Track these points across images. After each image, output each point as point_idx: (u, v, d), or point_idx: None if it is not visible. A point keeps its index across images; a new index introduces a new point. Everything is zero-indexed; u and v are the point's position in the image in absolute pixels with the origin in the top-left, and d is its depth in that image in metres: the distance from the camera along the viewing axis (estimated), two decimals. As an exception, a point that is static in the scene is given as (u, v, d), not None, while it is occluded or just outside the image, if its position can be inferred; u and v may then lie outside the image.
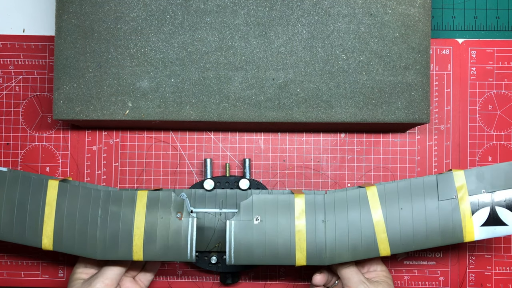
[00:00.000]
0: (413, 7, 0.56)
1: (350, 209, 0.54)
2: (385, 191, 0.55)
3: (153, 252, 0.53)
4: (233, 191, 0.62)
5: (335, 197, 0.55)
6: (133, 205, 0.54)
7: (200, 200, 0.61)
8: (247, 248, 0.53)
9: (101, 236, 0.54)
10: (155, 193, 0.55)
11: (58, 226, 0.55)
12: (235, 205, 0.61)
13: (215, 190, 0.62)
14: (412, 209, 0.54)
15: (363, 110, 0.56)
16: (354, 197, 0.55)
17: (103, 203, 0.55)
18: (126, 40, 0.57)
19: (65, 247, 0.54)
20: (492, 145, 0.64)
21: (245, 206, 0.54)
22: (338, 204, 0.54)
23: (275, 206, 0.54)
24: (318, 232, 0.54)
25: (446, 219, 0.54)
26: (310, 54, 0.56)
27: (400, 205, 0.54)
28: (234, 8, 0.57)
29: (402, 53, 0.56)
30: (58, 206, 0.55)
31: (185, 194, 0.57)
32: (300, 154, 0.64)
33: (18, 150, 0.65)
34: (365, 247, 0.54)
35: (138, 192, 0.55)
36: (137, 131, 0.64)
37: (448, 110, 0.64)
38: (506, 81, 0.64)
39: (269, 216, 0.54)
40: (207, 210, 0.60)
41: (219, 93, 0.57)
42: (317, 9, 0.57)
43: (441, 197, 0.54)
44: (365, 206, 0.54)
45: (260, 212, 0.54)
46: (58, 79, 0.57)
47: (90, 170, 0.64)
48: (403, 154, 0.64)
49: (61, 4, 0.57)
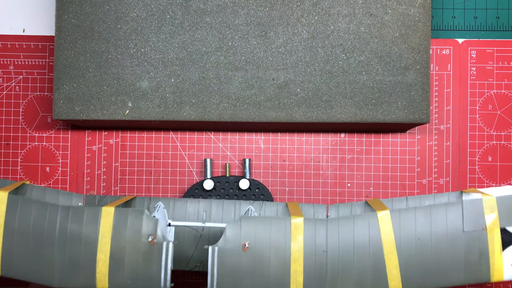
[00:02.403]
0: (413, 7, 0.56)
1: (356, 238, 0.46)
2: (400, 217, 0.47)
3: (120, 281, 0.46)
4: (219, 201, 0.55)
5: (339, 223, 0.47)
6: (97, 225, 0.47)
7: (181, 210, 0.55)
8: (233, 281, 0.45)
9: (59, 260, 0.46)
10: (123, 210, 0.48)
11: (7, 247, 0.47)
12: (221, 218, 0.55)
13: (198, 200, 0.56)
14: (431, 240, 0.46)
15: (363, 110, 0.56)
16: (362, 223, 0.47)
17: (61, 220, 0.47)
18: (126, 40, 0.57)
19: (16, 271, 0.47)
20: (492, 145, 0.64)
21: (232, 230, 0.46)
22: (343, 231, 0.47)
23: (267, 230, 0.46)
24: (318, 264, 0.46)
25: (471, 253, 0.46)
26: (310, 54, 0.56)
27: (417, 234, 0.46)
28: (234, 8, 0.57)
29: (402, 53, 0.56)
30: (7, 223, 0.47)
31: (162, 204, 0.51)
32: (300, 154, 0.64)
33: (18, 150, 0.65)
34: (373, 284, 0.46)
35: (102, 209, 0.47)
36: (137, 131, 0.64)
37: (448, 110, 0.64)
38: (506, 81, 0.64)
39: (260, 242, 0.46)
40: (187, 224, 0.52)
41: (219, 93, 0.57)
42: (317, 9, 0.57)
43: (467, 227, 0.46)
44: (375, 235, 0.47)
45: (250, 237, 0.46)
46: (58, 79, 0.57)
47: (90, 170, 0.64)
48: (403, 154, 0.64)
49: (61, 4, 0.57)
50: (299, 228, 0.46)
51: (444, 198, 0.51)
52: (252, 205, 0.56)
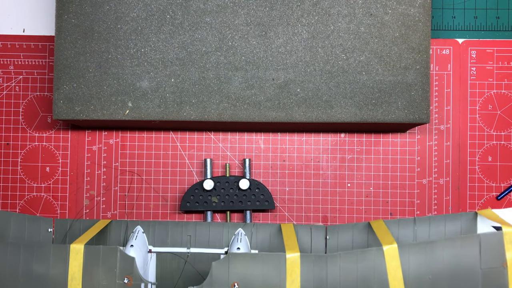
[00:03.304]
0: (413, 7, 0.56)
1: (360, 276, 0.41)
2: (409, 252, 0.41)
3: None
4: (205, 224, 0.51)
5: (340, 260, 0.41)
6: (66, 265, 0.42)
7: (162, 234, 0.50)
8: None
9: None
10: (93, 249, 0.43)
11: None
12: (208, 242, 0.50)
13: (182, 222, 0.52)
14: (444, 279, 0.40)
15: (363, 110, 0.56)
16: (367, 260, 0.41)
17: (25, 261, 0.42)
18: (126, 40, 0.57)
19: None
20: (492, 145, 0.64)
21: (219, 269, 0.41)
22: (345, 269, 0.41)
23: (259, 269, 0.41)
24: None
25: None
26: (310, 54, 0.57)
27: (427, 272, 0.40)
28: (234, 8, 0.57)
29: (402, 53, 0.56)
30: None
31: (141, 228, 0.47)
32: (300, 154, 0.64)
33: (18, 150, 0.65)
34: None
35: (71, 247, 0.43)
36: (137, 131, 0.64)
37: (448, 110, 0.64)
38: (506, 81, 0.64)
39: (251, 283, 0.41)
40: (171, 250, 0.48)
41: (219, 93, 0.57)
42: (317, 9, 0.57)
43: (484, 264, 0.40)
44: (381, 273, 0.41)
45: (239, 277, 0.41)
46: (58, 79, 0.57)
47: (90, 170, 0.64)
48: (403, 154, 0.64)
49: (61, 4, 0.57)
50: (295, 265, 0.41)
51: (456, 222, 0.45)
52: (243, 228, 0.52)
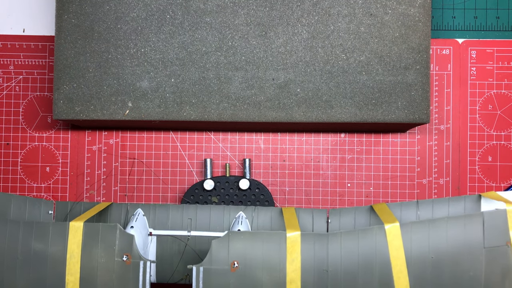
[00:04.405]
0: (413, 7, 0.56)
1: (361, 255, 0.40)
2: (411, 231, 0.40)
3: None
4: (206, 207, 0.51)
5: (341, 238, 0.41)
6: (65, 243, 0.41)
7: (163, 217, 0.50)
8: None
9: (22, 284, 0.41)
10: (93, 226, 0.42)
11: None
12: (208, 226, 0.49)
13: (182, 206, 0.52)
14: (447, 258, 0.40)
15: (363, 110, 0.56)
16: (368, 239, 0.41)
17: (24, 239, 0.41)
18: (126, 40, 0.57)
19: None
20: (492, 145, 0.64)
21: (219, 247, 0.41)
22: (346, 247, 0.41)
23: (259, 247, 0.41)
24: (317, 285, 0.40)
25: (492, 273, 0.40)
26: (310, 54, 0.57)
27: (430, 251, 0.40)
28: (234, 8, 0.57)
29: (402, 53, 0.56)
30: None
31: (141, 211, 0.47)
32: (300, 154, 0.64)
33: (18, 150, 0.65)
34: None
35: (70, 224, 0.42)
36: (137, 131, 0.64)
37: (448, 110, 0.64)
38: (506, 81, 0.64)
39: (251, 261, 0.40)
40: (171, 233, 0.47)
41: (219, 93, 0.57)
42: (317, 9, 0.57)
43: (488, 242, 0.40)
44: (383, 251, 0.40)
45: (239, 255, 0.40)
46: (58, 79, 0.57)
47: (90, 170, 0.64)
48: (403, 154, 0.64)
49: (61, 4, 0.57)
50: (295, 244, 0.40)
51: (460, 203, 0.45)
52: (244, 211, 0.52)
